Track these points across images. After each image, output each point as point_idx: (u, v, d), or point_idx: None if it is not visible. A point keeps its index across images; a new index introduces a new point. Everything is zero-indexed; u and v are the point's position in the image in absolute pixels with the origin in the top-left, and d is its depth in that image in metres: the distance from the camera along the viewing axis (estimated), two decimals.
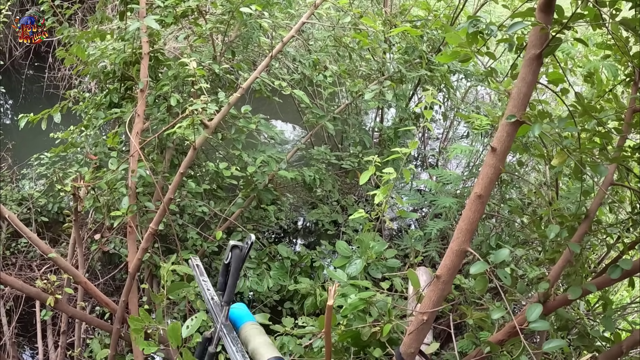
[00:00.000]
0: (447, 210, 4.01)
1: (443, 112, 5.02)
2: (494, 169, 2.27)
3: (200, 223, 4.46)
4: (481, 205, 2.28)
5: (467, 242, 2.30)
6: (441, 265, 2.33)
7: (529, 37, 2.37)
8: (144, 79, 3.95)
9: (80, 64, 4.78)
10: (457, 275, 3.66)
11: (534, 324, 2.22)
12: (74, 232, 4.35)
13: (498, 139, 2.27)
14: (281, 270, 4.09)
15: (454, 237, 2.30)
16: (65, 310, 3.86)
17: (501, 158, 2.28)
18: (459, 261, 2.33)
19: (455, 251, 2.29)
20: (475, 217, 2.28)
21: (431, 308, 2.35)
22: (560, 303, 2.87)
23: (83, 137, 4.79)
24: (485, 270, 2.22)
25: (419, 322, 2.40)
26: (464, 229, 2.28)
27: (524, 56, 2.40)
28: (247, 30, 4.68)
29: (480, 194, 2.26)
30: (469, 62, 2.81)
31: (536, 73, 2.33)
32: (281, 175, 4.02)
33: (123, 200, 3.66)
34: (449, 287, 2.36)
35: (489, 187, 2.28)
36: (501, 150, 2.27)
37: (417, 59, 4.38)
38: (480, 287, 2.60)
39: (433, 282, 2.34)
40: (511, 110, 2.27)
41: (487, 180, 2.27)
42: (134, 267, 3.59)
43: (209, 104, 3.25)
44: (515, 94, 2.29)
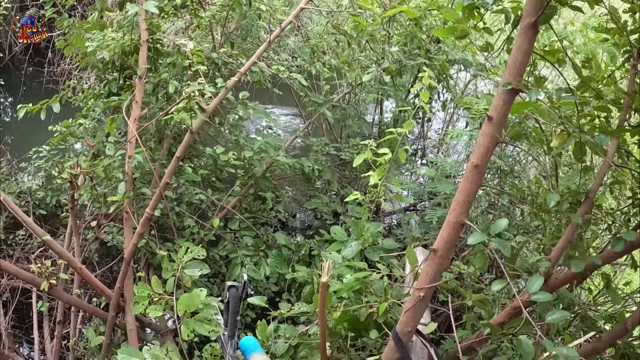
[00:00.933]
0: (446, 198, 3.99)
1: (443, 102, 5.01)
2: (491, 137, 2.25)
3: (197, 212, 4.44)
4: (478, 175, 2.26)
5: (465, 214, 2.27)
6: (438, 239, 2.30)
7: (525, 6, 2.36)
8: (142, 65, 3.94)
9: (78, 57, 4.79)
10: (455, 262, 3.64)
11: (535, 296, 2.19)
12: (71, 221, 4.34)
13: (494, 107, 2.25)
14: (279, 258, 4.06)
15: (451, 209, 2.28)
16: (60, 297, 3.84)
17: (498, 127, 2.27)
18: (456, 234, 2.30)
19: (452, 223, 2.27)
20: (472, 188, 2.26)
21: (428, 283, 2.32)
22: (562, 281, 2.85)
23: (82, 128, 4.79)
24: (484, 242, 2.20)
25: (415, 299, 2.37)
26: (460, 201, 2.26)
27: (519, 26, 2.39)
28: (246, 22, 4.69)
29: (477, 163, 2.25)
30: (466, 37, 2.79)
31: (532, 41, 2.32)
32: (279, 162, 3.99)
33: (120, 186, 3.64)
34: (446, 261, 2.34)
35: (486, 156, 2.26)
36: (498, 118, 2.25)
37: (415, 49, 4.37)
38: (479, 263, 2.58)
39: (430, 256, 2.31)
40: (507, 78, 2.26)
41: (483, 149, 2.25)
42: (130, 253, 3.57)
43: (206, 87, 3.24)
44: (512, 62, 2.28)
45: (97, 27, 4.62)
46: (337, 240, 3.17)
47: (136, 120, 3.85)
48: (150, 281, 4.35)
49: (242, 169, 4.15)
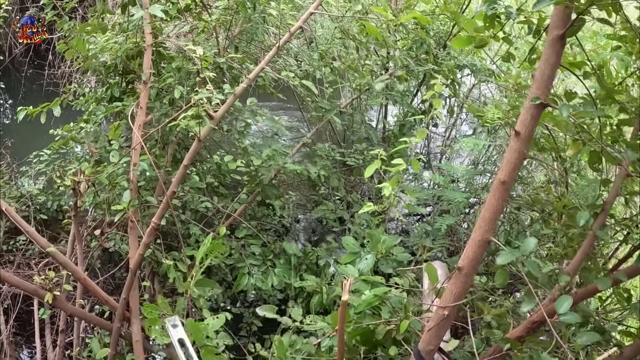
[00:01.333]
0: (456, 206, 3.86)
1: (449, 108, 4.87)
2: (518, 153, 2.13)
3: (203, 219, 4.28)
4: (505, 191, 2.13)
5: (490, 232, 2.15)
6: (463, 257, 2.17)
7: (551, 17, 2.23)
8: (147, 70, 3.79)
9: (81, 59, 4.61)
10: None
11: (564, 317, 2.07)
12: (74, 228, 4.18)
13: (522, 122, 2.13)
14: (286, 267, 3.92)
15: (477, 226, 2.15)
16: (63, 308, 3.69)
17: (525, 142, 2.14)
18: (482, 252, 2.18)
19: (478, 241, 2.14)
20: (499, 205, 2.14)
21: (453, 302, 2.20)
22: (582, 296, 2.72)
23: (83, 133, 4.62)
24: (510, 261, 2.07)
25: (439, 318, 2.24)
26: (487, 218, 2.13)
27: (546, 38, 2.26)
28: (251, 25, 4.54)
29: (504, 180, 2.12)
30: (484, 47, 2.66)
31: (559, 54, 2.20)
32: (287, 169, 3.85)
33: (124, 194, 3.49)
34: (471, 279, 2.21)
35: (513, 172, 2.14)
36: (525, 134, 2.13)
37: (423, 54, 4.24)
38: (501, 280, 2.44)
39: (454, 274, 2.18)
40: (535, 92, 2.13)
41: (511, 165, 2.12)
42: (136, 263, 3.42)
43: (215, 94, 3.09)
44: (539, 75, 2.15)
45: (99, 29, 4.45)
46: (349, 251, 3.04)
47: (141, 126, 3.69)
48: (155, 289, 4.24)
49: (248, 176, 3.99)
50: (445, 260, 4.38)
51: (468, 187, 4.07)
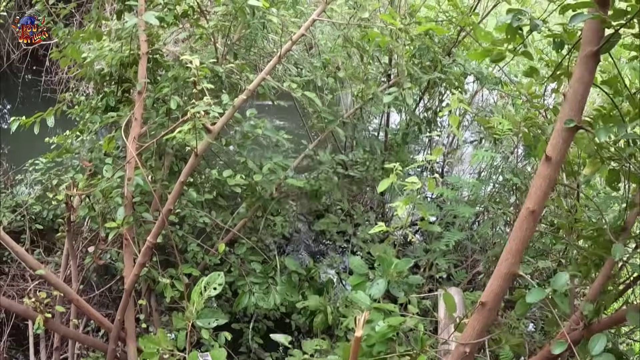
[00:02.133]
0: (462, 219, 3.60)
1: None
2: (549, 180, 1.87)
3: (202, 234, 4.00)
4: (534, 222, 1.87)
5: (517, 265, 1.89)
6: (487, 291, 1.91)
7: (584, 32, 1.97)
8: (141, 80, 3.51)
9: (76, 66, 4.33)
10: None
11: (599, 358, 1.81)
12: (67, 244, 3.91)
13: (553, 147, 1.86)
14: (288, 285, 3.64)
15: (502, 258, 1.89)
16: (56, 330, 3.43)
17: (556, 168, 1.88)
18: (507, 285, 1.92)
19: (504, 274, 1.88)
20: (526, 236, 1.88)
21: (475, 339, 1.94)
22: (605, 326, 2.46)
23: (78, 142, 4.34)
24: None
25: (460, 355, 1.98)
26: (514, 250, 1.87)
27: (578, 54, 1.99)
28: (250, 31, 4.26)
29: (533, 209, 1.85)
30: (501, 61, 2.40)
31: (593, 72, 1.94)
32: (288, 184, 3.57)
33: (119, 211, 3.21)
34: (494, 314, 1.95)
35: (543, 200, 1.87)
36: (556, 159, 1.87)
37: (427, 61, 3.97)
38: (522, 311, 2.18)
39: (477, 309, 1.92)
40: (567, 114, 1.86)
41: (540, 193, 1.86)
42: (130, 283, 3.15)
43: (213, 107, 2.81)
44: (572, 95, 1.89)
45: (94, 36, 4.17)
46: (357, 272, 2.77)
47: (135, 138, 3.42)
48: (151, 306, 3.96)
49: (248, 189, 3.71)
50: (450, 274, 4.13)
51: (474, 197, 3.81)
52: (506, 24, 2.17)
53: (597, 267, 2.99)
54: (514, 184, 3.88)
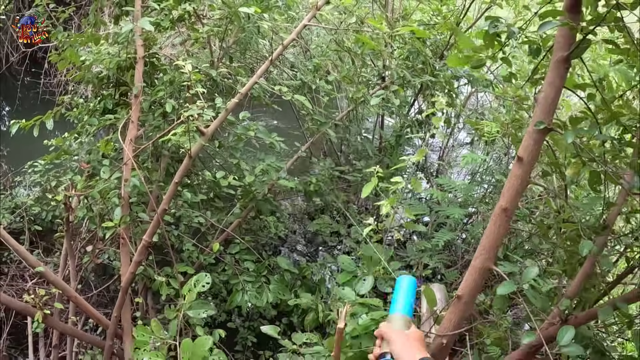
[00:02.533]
0: (453, 220, 3.72)
1: (446, 119, 4.73)
2: (521, 180, 1.99)
3: (197, 233, 4.14)
4: (507, 219, 2.00)
5: (491, 260, 2.01)
6: (462, 285, 2.04)
7: (556, 38, 2.10)
8: (138, 84, 3.65)
9: (74, 69, 4.46)
10: None
11: (566, 349, 1.94)
12: (66, 243, 4.04)
13: (524, 148, 1.99)
14: (281, 284, 3.77)
15: (477, 254, 2.02)
16: (55, 326, 3.56)
17: (528, 168, 2.01)
18: (482, 280, 2.04)
19: (478, 269, 2.01)
20: (500, 233, 2.00)
21: (451, 330, 2.06)
22: (582, 321, 2.59)
23: (76, 145, 4.47)
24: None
25: (437, 346, 2.11)
26: (487, 246, 2.00)
27: (550, 59, 2.12)
28: (245, 35, 4.40)
29: (505, 207, 1.98)
30: (481, 68, 2.53)
31: (564, 77, 2.07)
32: (281, 185, 3.70)
33: (116, 211, 3.35)
34: (470, 307, 2.08)
35: (515, 199, 2.00)
36: (528, 160, 1.99)
37: (419, 64, 4.10)
38: (499, 305, 2.32)
39: (453, 302, 2.05)
40: (539, 116, 1.99)
41: (513, 192, 1.99)
42: (127, 282, 3.28)
43: (206, 110, 2.95)
44: (543, 99, 2.02)
45: (92, 40, 4.30)
46: (345, 270, 2.90)
47: (132, 141, 3.55)
48: (148, 304, 4.10)
49: (242, 190, 3.85)
50: (442, 274, 4.25)
51: (465, 199, 3.93)
52: (484, 31, 2.30)
53: (581, 266, 3.12)
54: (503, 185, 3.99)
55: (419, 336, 1.38)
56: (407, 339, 1.35)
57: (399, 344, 1.34)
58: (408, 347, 1.33)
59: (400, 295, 1.51)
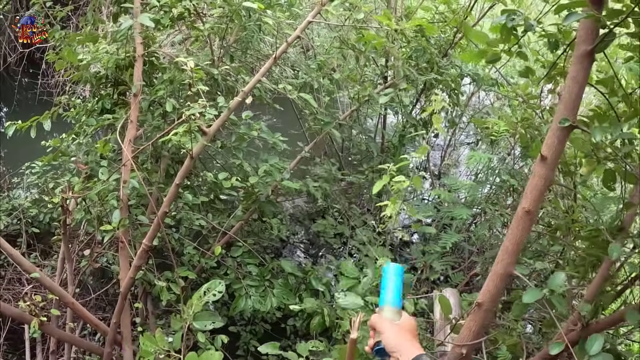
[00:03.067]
0: (459, 221, 3.58)
1: (451, 119, 4.59)
2: (544, 180, 1.85)
3: (198, 236, 3.98)
4: (529, 221, 1.86)
5: (513, 265, 1.87)
6: (483, 291, 1.90)
7: (578, 32, 1.96)
8: (137, 82, 3.49)
9: (72, 69, 4.30)
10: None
11: (596, 358, 1.80)
12: (63, 247, 3.88)
13: (548, 146, 1.85)
14: (285, 288, 3.62)
15: (498, 258, 1.88)
16: (52, 333, 3.40)
17: (551, 167, 1.86)
18: (503, 286, 1.90)
19: (500, 275, 1.87)
20: (523, 236, 1.86)
21: (471, 340, 1.92)
22: (603, 326, 2.45)
23: (74, 146, 4.32)
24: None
25: (456, 356, 1.96)
26: (510, 250, 1.85)
27: (573, 53, 1.99)
28: (246, 34, 4.25)
29: (528, 209, 1.84)
30: (496, 62, 2.39)
31: (588, 71, 1.93)
32: (284, 186, 3.55)
33: (114, 214, 3.19)
34: (491, 315, 1.94)
35: (539, 200, 1.86)
36: (552, 158, 1.85)
37: (424, 63, 3.96)
38: (519, 312, 2.17)
39: (473, 310, 1.90)
40: (562, 113, 1.85)
41: (536, 192, 1.85)
42: (126, 287, 3.13)
43: (208, 109, 2.80)
44: (566, 94, 1.88)
45: (90, 39, 4.15)
46: (347, 276, 2.75)
47: (131, 141, 3.40)
48: (148, 310, 3.94)
49: (244, 192, 3.69)
50: (448, 276, 4.11)
51: (472, 199, 3.79)
52: (500, 24, 2.16)
53: (594, 268, 2.98)
54: (511, 185, 3.87)
55: (410, 325, 1.36)
56: (398, 330, 1.34)
57: (390, 334, 1.33)
58: (399, 337, 1.32)
59: (388, 285, 1.47)
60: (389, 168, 2.72)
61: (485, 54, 2.39)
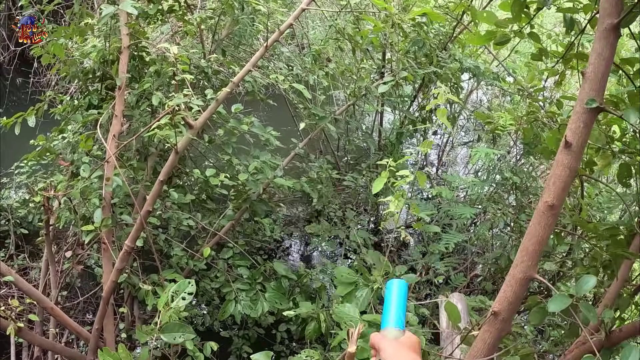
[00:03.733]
0: (460, 221, 3.30)
1: (452, 115, 4.29)
2: (569, 169, 1.57)
3: (188, 237, 3.68)
4: (553, 217, 1.57)
5: (535, 267, 1.59)
6: (500, 298, 1.61)
7: (602, 4, 1.69)
8: (122, 74, 3.21)
9: (59, 63, 4.02)
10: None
11: None
12: (47, 248, 3.58)
13: (573, 131, 1.56)
14: (278, 291, 3.31)
15: (517, 260, 1.59)
16: (31, 340, 3.11)
17: (578, 155, 1.58)
18: (523, 292, 1.62)
19: (519, 279, 1.58)
20: (545, 234, 1.58)
21: (486, 354, 1.63)
22: (629, 333, 2.16)
23: (62, 143, 4.03)
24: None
25: None
26: (530, 251, 1.57)
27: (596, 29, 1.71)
28: (239, 27, 3.97)
29: (552, 203, 1.55)
30: (506, 44, 2.11)
31: (614, 47, 1.65)
32: (277, 184, 3.25)
33: (95, 213, 2.90)
34: (508, 325, 1.64)
35: (564, 193, 1.58)
36: (578, 145, 1.57)
37: (423, 56, 3.68)
38: (537, 320, 1.89)
39: (489, 320, 1.62)
40: (588, 93, 1.57)
41: (561, 184, 1.56)
42: (108, 291, 2.84)
43: (193, 99, 2.51)
44: (591, 73, 1.60)
45: (77, 32, 3.86)
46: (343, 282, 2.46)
47: (115, 137, 3.11)
48: (134, 314, 3.64)
49: (234, 191, 3.40)
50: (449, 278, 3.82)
51: (476, 197, 3.51)
52: (511, 1, 1.88)
53: (606, 269, 2.72)
54: (514, 182, 3.59)
55: (411, 342, 1.23)
56: (399, 347, 1.22)
57: (390, 352, 1.21)
58: (399, 355, 1.20)
59: (391, 304, 1.31)
60: (388, 164, 2.44)
61: (494, 35, 2.12)
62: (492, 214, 3.66)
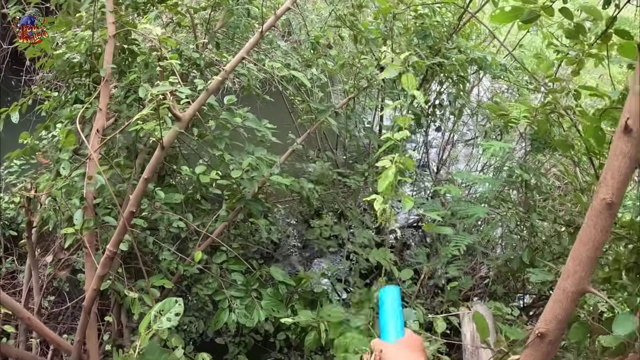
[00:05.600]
0: (470, 221, 2.96)
1: (458, 110, 3.94)
2: (630, 159, 1.22)
3: (179, 239, 3.31)
4: (611, 218, 1.23)
5: (588, 279, 1.24)
6: (546, 317, 1.26)
7: None
8: (107, 66, 2.86)
9: (44, 58, 3.68)
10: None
11: None
12: (29, 252, 3.23)
13: (634, 115, 1.22)
14: (275, 298, 2.96)
15: (569, 271, 1.25)
16: (7, 353, 2.73)
17: (638, 142, 1.23)
18: (573, 308, 1.27)
19: (571, 293, 1.24)
20: (602, 239, 1.23)
21: None
22: None
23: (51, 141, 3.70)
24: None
25: None
26: (584, 258, 1.22)
27: None
28: (233, 19, 3.63)
29: (610, 200, 1.21)
30: (534, 22, 1.77)
31: None
32: (274, 182, 2.89)
33: (76, 214, 2.54)
34: (555, 348, 1.29)
35: (623, 188, 1.23)
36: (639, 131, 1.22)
37: (426, 48, 3.35)
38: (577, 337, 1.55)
39: (534, 342, 1.27)
40: None
41: (620, 177, 1.22)
42: (89, 300, 2.49)
43: (180, 88, 2.16)
44: None
45: (64, 24, 3.53)
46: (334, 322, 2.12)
47: (99, 132, 2.76)
48: (122, 323, 3.28)
49: (228, 190, 3.05)
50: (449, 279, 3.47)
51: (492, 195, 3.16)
52: None
53: (629, 272, 2.39)
54: (524, 180, 3.25)
55: (411, 341, 1.15)
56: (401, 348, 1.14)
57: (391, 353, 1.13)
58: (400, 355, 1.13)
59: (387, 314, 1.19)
60: (394, 160, 2.09)
61: (521, 12, 1.78)
62: (501, 213, 3.32)
